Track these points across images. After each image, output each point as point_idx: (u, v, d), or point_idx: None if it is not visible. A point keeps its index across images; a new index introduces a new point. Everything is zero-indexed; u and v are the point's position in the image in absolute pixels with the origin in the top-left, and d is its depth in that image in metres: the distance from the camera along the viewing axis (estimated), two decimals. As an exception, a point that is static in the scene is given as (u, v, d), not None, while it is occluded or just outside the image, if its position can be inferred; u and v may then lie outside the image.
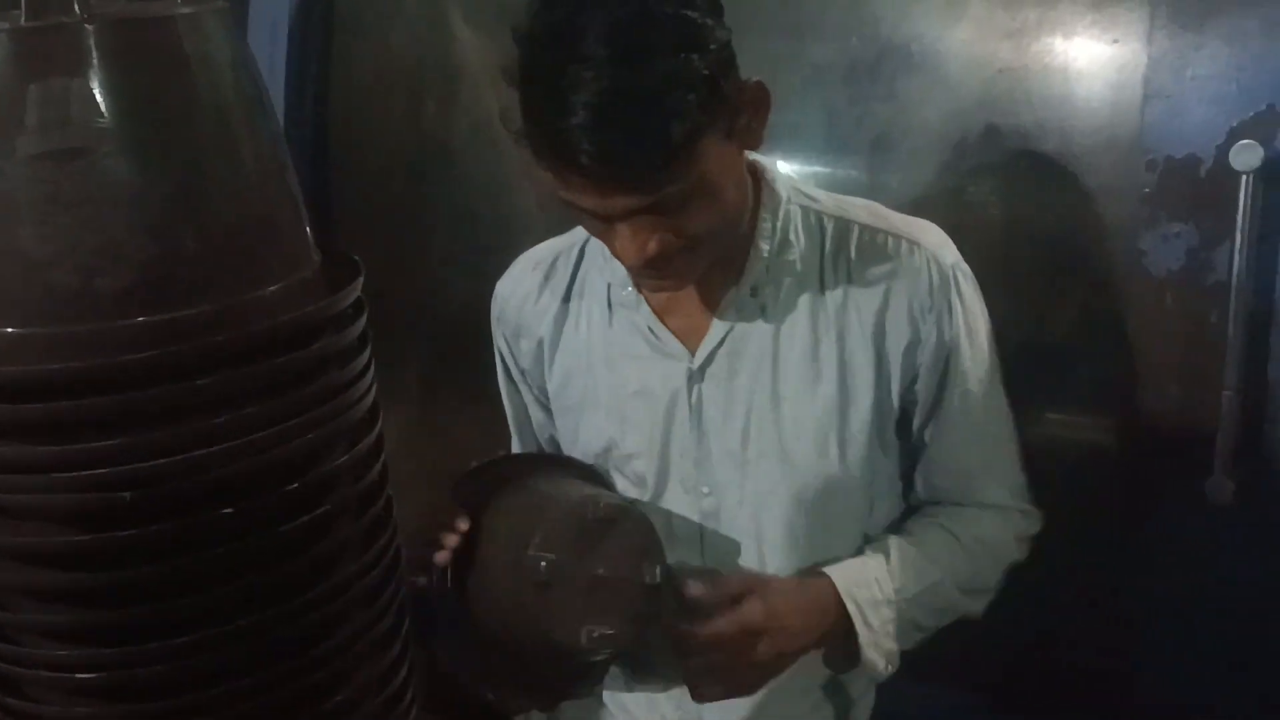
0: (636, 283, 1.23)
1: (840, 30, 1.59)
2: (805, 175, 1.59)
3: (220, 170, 0.65)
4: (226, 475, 0.63)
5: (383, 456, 0.74)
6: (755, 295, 1.19)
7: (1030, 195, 1.49)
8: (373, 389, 0.73)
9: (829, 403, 1.19)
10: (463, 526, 1.18)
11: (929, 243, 1.20)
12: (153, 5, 0.67)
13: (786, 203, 1.19)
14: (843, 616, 1.17)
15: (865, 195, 1.30)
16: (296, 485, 0.66)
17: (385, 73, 1.93)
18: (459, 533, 1.18)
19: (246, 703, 0.66)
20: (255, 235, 0.66)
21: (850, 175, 1.60)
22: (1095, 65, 1.43)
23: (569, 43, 0.96)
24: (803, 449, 1.20)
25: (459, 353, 1.45)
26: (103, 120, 0.61)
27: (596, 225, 1.09)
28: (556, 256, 1.32)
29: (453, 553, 1.18)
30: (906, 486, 1.29)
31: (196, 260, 0.63)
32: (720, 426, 1.22)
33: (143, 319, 0.61)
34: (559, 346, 1.30)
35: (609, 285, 1.26)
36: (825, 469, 1.20)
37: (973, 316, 1.21)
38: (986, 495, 1.26)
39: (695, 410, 1.22)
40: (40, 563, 0.62)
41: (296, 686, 0.67)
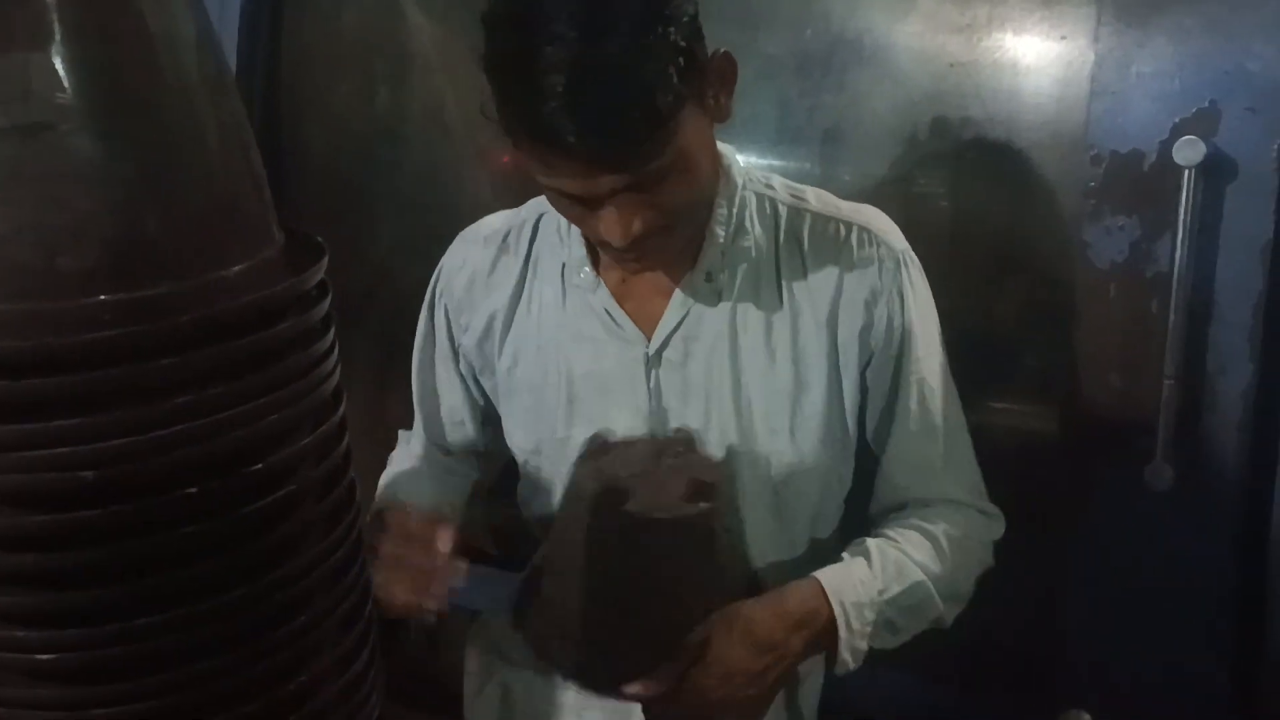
0: (595, 264, 1.23)
1: (792, 23, 1.60)
2: (757, 167, 1.60)
3: (184, 148, 0.64)
4: (189, 456, 0.62)
5: (346, 438, 0.74)
6: (710, 280, 1.20)
7: (978, 188, 1.52)
8: (337, 371, 0.73)
9: (783, 388, 1.20)
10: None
11: (879, 229, 1.22)
12: (115, -21, 0.66)
13: (742, 189, 1.21)
14: (830, 618, 1.15)
15: (816, 186, 1.32)
16: (260, 466, 0.65)
17: (336, 56, 1.91)
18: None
19: (208, 684, 0.65)
20: (219, 215, 0.66)
21: (802, 167, 1.61)
22: (1043, 61, 1.46)
23: (539, 25, 0.96)
24: (758, 434, 1.21)
25: (409, 339, 1.44)
26: (65, 95, 0.60)
27: (578, 210, 1.09)
28: (508, 231, 1.31)
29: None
30: (865, 493, 1.30)
31: (160, 239, 0.62)
32: (679, 412, 1.23)
33: (105, 297, 0.60)
34: (511, 325, 1.29)
35: (563, 265, 1.25)
36: (779, 455, 1.22)
37: (923, 304, 1.24)
38: (949, 492, 1.26)
39: (654, 395, 1.23)
40: (0, 544, 0.61)
41: (259, 668, 0.67)
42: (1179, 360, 1.34)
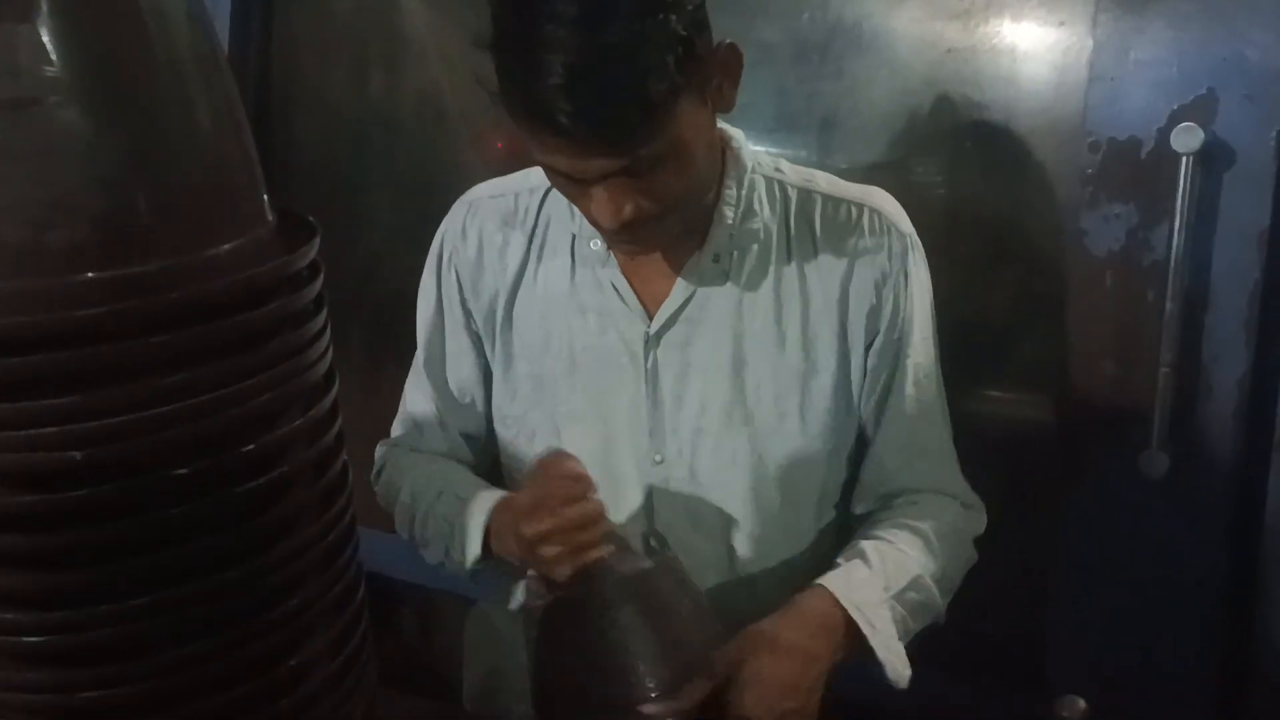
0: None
1: (790, 9, 1.60)
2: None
3: (174, 125, 0.63)
4: (180, 436, 0.62)
5: (339, 420, 0.73)
6: (718, 261, 1.20)
7: (975, 174, 1.52)
8: (329, 352, 0.72)
9: (793, 369, 1.20)
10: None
11: (888, 212, 1.22)
12: (104, -46, 0.65)
13: (751, 172, 1.20)
14: (850, 624, 1.12)
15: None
16: (252, 447, 0.65)
17: (329, 42, 1.90)
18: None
19: (199, 667, 0.65)
20: (210, 192, 0.65)
21: (799, 154, 1.61)
22: (1041, 47, 1.45)
23: (542, 7, 0.96)
24: (764, 416, 1.21)
25: (402, 327, 1.43)
26: (53, 69, 0.59)
27: (571, 188, 1.09)
28: (517, 196, 1.29)
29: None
30: (853, 483, 1.29)
31: (150, 216, 0.62)
32: (676, 394, 1.22)
33: (94, 274, 0.60)
34: (518, 291, 1.28)
35: (573, 236, 1.25)
36: (787, 437, 1.21)
37: (924, 289, 1.24)
38: (937, 480, 1.26)
39: (650, 376, 1.22)
40: (-13, 524, 0.60)
41: (251, 651, 0.66)
42: (1175, 348, 1.33)
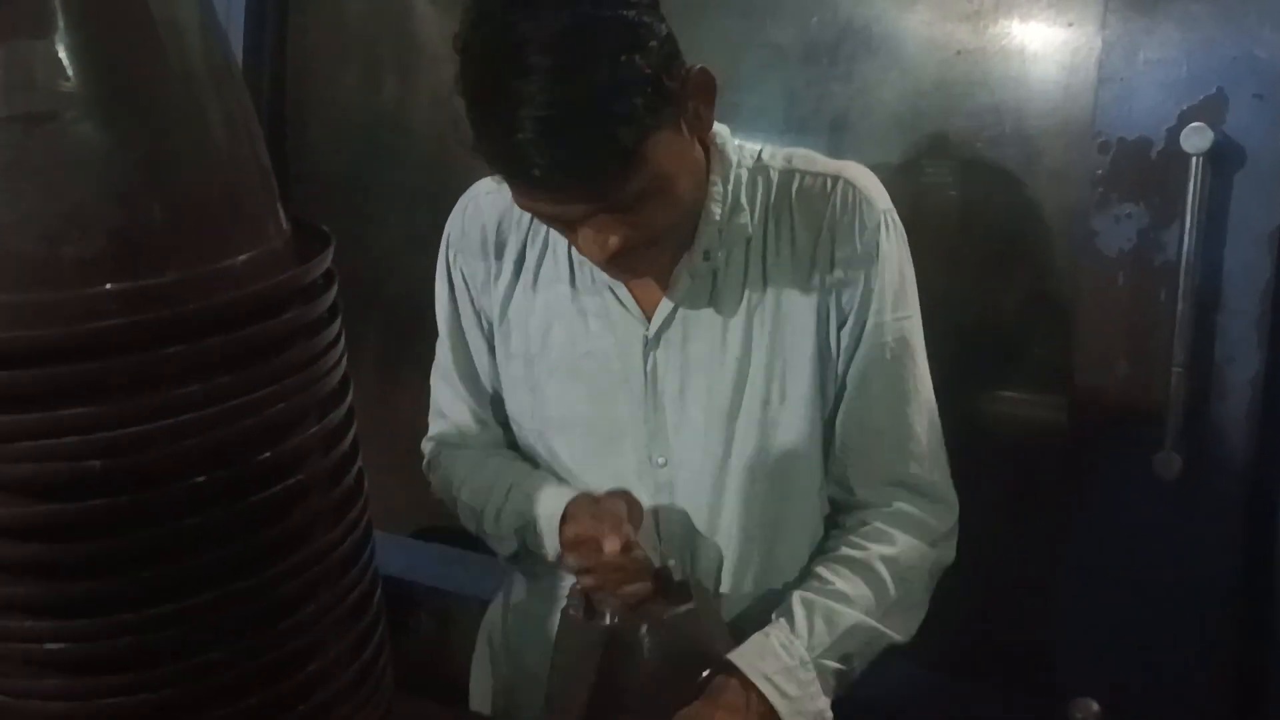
0: None
1: (799, 12, 1.60)
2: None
3: (189, 137, 0.64)
4: (197, 445, 0.62)
5: (354, 428, 0.74)
6: (708, 259, 1.20)
7: (986, 176, 1.52)
8: (343, 360, 0.73)
9: (780, 357, 1.20)
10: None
11: (863, 186, 1.19)
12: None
13: (736, 166, 1.20)
14: (765, 701, 1.13)
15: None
16: (268, 455, 0.65)
17: (342, 48, 1.91)
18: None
19: (217, 674, 0.65)
20: (224, 204, 0.66)
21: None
22: (1051, 48, 1.45)
23: (509, 56, 0.96)
24: (759, 408, 1.21)
25: (417, 331, 1.44)
26: (68, 84, 0.60)
27: (557, 226, 1.10)
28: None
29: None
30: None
31: (164, 228, 0.62)
32: (676, 395, 1.23)
33: (110, 287, 0.60)
34: (515, 293, 1.29)
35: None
36: (783, 428, 1.21)
37: (900, 268, 1.21)
38: (904, 472, 1.22)
39: (650, 379, 1.23)
40: (8, 534, 0.61)
41: (269, 657, 0.67)
42: (1187, 349, 1.33)
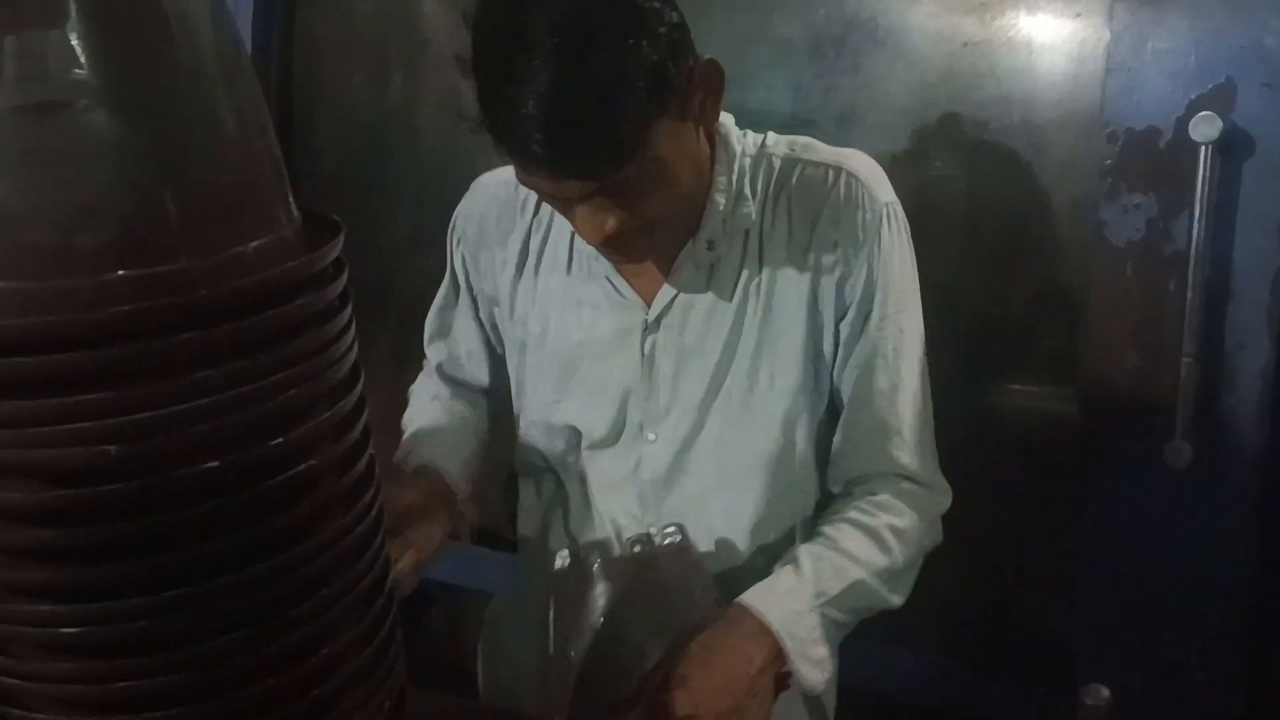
0: None
1: (806, 6, 1.61)
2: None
3: (200, 125, 0.64)
4: (210, 430, 0.63)
5: (364, 416, 0.74)
6: (711, 249, 1.21)
7: (993, 167, 1.52)
8: (354, 348, 0.73)
9: (762, 337, 1.21)
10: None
11: (865, 177, 1.19)
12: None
13: (741, 156, 1.21)
14: (771, 635, 1.13)
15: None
16: (280, 441, 0.66)
17: (349, 45, 1.92)
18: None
19: (231, 658, 0.66)
20: (236, 192, 0.66)
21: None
22: (1058, 39, 1.45)
23: (516, 32, 0.98)
24: (739, 388, 1.22)
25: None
26: (81, 73, 0.60)
27: (556, 204, 1.12)
28: (518, 184, 1.31)
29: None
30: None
31: (177, 216, 0.63)
32: (672, 377, 1.24)
33: (123, 273, 0.61)
34: (519, 284, 1.31)
35: (573, 232, 1.25)
36: (771, 413, 1.22)
37: (901, 260, 1.21)
38: (900, 461, 1.22)
39: (647, 361, 1.24)
40: (23, 519, 0.62)
41: (282, 642, 0.67)
42: (1197, 338, 1.33)
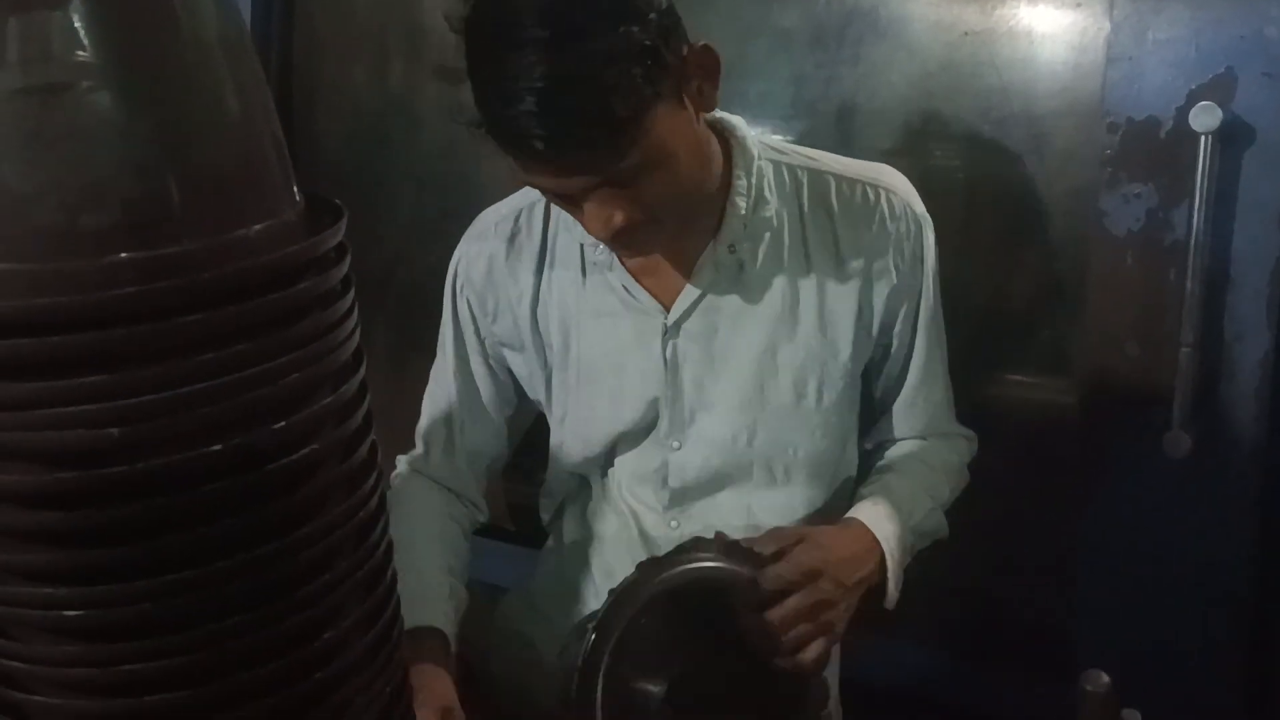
0: None
1: (807, -4, 1.60)
2: (773, 141, 1.60)
3: (203, 107, 0.64)
4: (213, 413, 0.63)
5: (367, 400, 0.74)
6: (734, 252, 1.20)
7: (994, 157, 1.52)
8: (356, 332, 0.73)
9: (811, 353, 1.22)
10: None
11: (903, 192, 1.24)
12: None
13: (758, 159, 1.21)
14: (878, 551, 1.20)
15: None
16: (282, 425, 0.66)
17: (349, 33, 1.92)
18: None
19: (233, 642, 0.66)
20: (239, 174, 0.66)
21: (817, 140, 1.60)
22: (1059, 28, 1.45)
23: (507, 28, 0.98)
24: (783, 401, 1.22)
25: (427, 319, 1.44)
26: (84, 55, 0.60)
27: (561, 203, 1.13)
28: (518, 214, 1.31)
29: None
30: (869, 424, 1.35)
31: (181, 198, 0.63)
32: (696, 383, 1.23)
33: (126, 255, 0.61)
34: (536, 307, 1.29)
35: (581, 246, 1.26)
36: (805, 420, 1.23)
37: (933, 263, 1.27)
38: (945, 426, 1.34)
39: (670, 366, 1.23)
40: (25, 501, 0.62)
41: (285, 625, 0.67)
42: (1196, 328, 1.33)
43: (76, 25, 0.60)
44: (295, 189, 0.72)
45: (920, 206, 1.25)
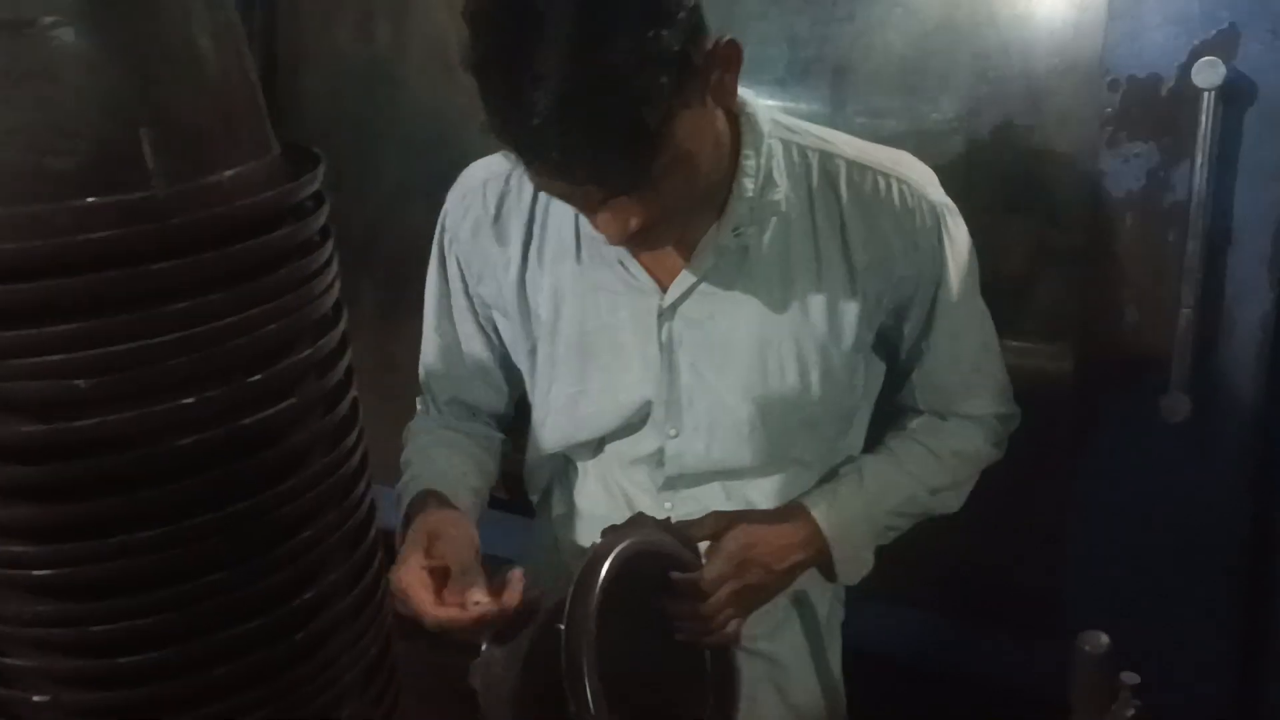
0: None
1: (801, -48, 1.57)
2: (767, 105, 1.57)
3: (176, 48, 0.62)
4: (186, 364, 0.61)
5: (348, 354, 0.72)
6: (738, 235, 1.15)
7: (993, 117, 1.49)
8: (336, 284, 0.71)
9: (815, 339, 1.18)
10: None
11: (918, 181, 1.18)
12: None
13: (768, 138, 1.15)
14: (823, 539, 1.20)
15: (828, 122, 1.29)
16: (260, 377, 0.64)
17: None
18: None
19: (212, 599, 0.64)
20: (212, 118, 0.64)
21: (813, 102, 1.58)
22: (1058, -15, 1.42)
23: (524, 29, 0.89)
24: (785, 386, 1.19)
25: (415, 283, 1.41)
26: (51, -10, 0.58)
27: (574, 204, 1.05)
28: (508, 175, 1.23)
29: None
30: (890, 394, 1.32)
31: (150, 141, 0.60)
32: (694, 367, 1.19)
33: (94, 200, 0.59)
34: (525, 275, 1.25)
35: (576, 216, 1.20)
36: (807, 406, 1.20)
37: (961, 252, 1.21)
38: (968, 407, 1.30)
39: (666, 349, 1.19)
40: (-7, 454, 0.60)
41: (265, 583, 0.65)
42: (1196, 289, 1.31)
43: (41, -42, 0.57)
44: (271, 135, 0.69)
45: (938, 195, 1.19)
